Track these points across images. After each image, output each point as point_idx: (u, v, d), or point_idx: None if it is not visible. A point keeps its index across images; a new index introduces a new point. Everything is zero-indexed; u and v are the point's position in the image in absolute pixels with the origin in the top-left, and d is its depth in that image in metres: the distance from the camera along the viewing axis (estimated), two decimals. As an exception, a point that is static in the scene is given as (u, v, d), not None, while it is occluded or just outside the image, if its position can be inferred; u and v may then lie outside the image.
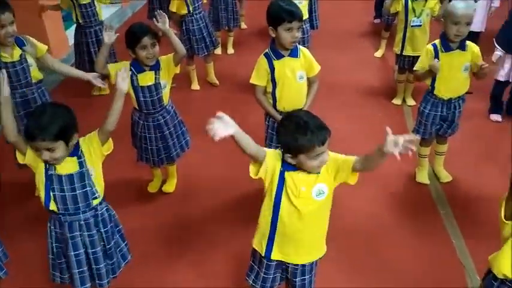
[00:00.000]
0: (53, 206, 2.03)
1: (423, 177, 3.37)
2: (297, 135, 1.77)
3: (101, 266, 2.15)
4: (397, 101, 4.39)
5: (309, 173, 1.86)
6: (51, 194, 2.01)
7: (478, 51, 2.98)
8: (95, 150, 2.06)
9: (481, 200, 3.16)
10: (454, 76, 2.96)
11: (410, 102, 4.36)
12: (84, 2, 4.15)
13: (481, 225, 2.94)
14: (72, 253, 2.09)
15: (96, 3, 4.22)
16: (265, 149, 1.93)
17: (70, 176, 2.01)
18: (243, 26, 6.03)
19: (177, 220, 3.11)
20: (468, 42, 2.98)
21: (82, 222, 2.07)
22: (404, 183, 3.39)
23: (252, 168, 1.90)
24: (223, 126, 1.72)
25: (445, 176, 3.39)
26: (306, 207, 1.89)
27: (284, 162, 1.88)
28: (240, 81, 4.52)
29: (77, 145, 2.03)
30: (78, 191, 2.02)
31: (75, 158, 2.02)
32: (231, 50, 5.48)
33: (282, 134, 1.85)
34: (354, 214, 3.08)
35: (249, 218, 2.16)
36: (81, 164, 2.03)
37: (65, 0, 4.27)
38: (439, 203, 3.20)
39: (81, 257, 2.11)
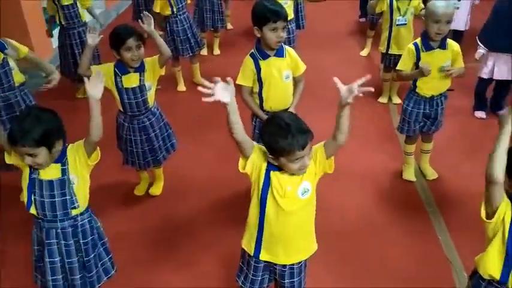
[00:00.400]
0: (33, 210, 2.00)
1: (409, 174, 3.40)
2: (277, 138, 1.76)
3: (76, 277, 2.09)
4: (383, 100, 4.41)
5: (293, 174, 1.86)
6: (32, 197, 1.98)
7: (459, 49, 3.01)
8: (80, 159, 2.01)
9: (467, 196, 3.19)
10: (435, 74, 2.99)
11: (396, 100, 4.39)
12: (66, 3, 4.12)
13: (467, 221, 2.96)
14: (48, 260, 2.06)
15: (78, 4, 4.18)
16: (255, 143, 1.92)
17: (50, 182, 1.97)
18: (229, 26, 6.02)
19: (165, 222, 3.08)
20: (449, 41, 3.01)
21: (59, 230, 2.03)
22: (391, 180, 3.41)
23: (241, 162, 1.90)
24: (224, 92, 1.71)
25: (431, 173, 3.42)
26: (291, 207, 1.89)
27: (269, 162, 1.87)
28: (227, 82, 4.50)
29: (64, 152, 1.99)
30: (57, 198, 1.98)
31: (59, 164, 1.98)
32: (217, 51, 5.46)
33: (265, 135, 1.84)
34: (342, 213, 3.09)
35: (240, 218, 2.14)
36: (64, 172, 1.98)
37: (50, 5, 4.23)
38: (425, 200, 3.23)
39: (56, 265, 2.07)
